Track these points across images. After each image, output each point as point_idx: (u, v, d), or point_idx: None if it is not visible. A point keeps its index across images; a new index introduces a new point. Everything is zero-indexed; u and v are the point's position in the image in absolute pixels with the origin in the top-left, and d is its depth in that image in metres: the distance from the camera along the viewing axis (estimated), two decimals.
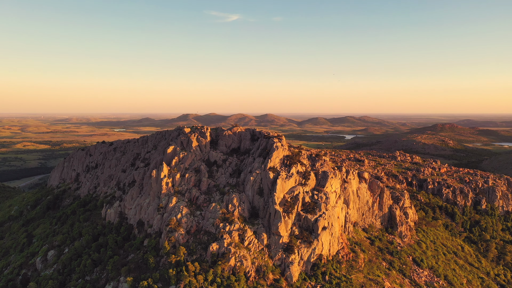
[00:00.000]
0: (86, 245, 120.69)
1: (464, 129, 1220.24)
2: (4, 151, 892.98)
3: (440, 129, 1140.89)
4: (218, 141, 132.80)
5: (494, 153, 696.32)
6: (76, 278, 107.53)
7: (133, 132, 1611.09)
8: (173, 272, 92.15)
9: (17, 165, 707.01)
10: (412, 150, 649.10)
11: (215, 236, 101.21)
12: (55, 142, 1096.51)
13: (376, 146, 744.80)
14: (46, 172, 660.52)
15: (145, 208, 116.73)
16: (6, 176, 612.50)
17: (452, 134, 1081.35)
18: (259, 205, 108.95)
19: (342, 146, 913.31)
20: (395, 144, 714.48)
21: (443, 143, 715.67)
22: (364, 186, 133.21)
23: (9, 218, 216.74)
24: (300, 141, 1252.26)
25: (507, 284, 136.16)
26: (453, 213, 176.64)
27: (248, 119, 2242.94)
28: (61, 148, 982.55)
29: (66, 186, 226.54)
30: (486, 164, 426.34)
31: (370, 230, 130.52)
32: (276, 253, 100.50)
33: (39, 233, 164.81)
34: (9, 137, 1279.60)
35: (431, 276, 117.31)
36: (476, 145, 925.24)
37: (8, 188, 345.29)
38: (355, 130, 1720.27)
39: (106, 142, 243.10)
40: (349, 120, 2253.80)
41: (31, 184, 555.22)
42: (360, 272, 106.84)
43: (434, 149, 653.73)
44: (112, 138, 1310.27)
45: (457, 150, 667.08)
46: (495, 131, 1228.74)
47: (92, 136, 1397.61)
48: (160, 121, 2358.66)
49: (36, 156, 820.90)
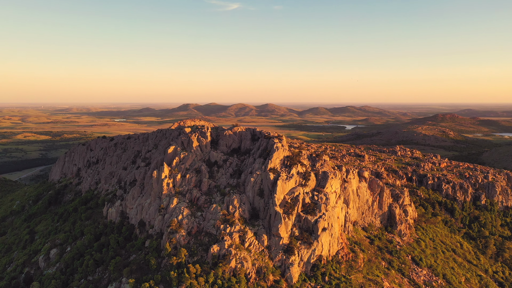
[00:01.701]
0: (88, 245, 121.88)
1: (465, 119, 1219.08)
2: (5, 142, 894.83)
3: (441, 119, 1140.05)
4: (218, 141, 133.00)
5: (494, 144, 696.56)
6: (79, 278, 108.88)
7: (134, 123, 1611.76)
8: (174, 274, 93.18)
9: (18, 156, 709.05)
10: (412, 141, 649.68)
11: (216, 238, 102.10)
12: (55, 133, 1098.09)
13: (376, 137, 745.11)
14: (47, 163, 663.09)
15: (146, 208, 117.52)
16: (7, 167, 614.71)
17: (453, 125, 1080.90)
18: (259, 206, 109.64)
19: (343, 136, 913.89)
20: (396, 135, 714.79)
21: (444, 134, 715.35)
22: (364, 185, 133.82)
23: (11, 212, 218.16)
24: (301, 131, 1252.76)
25: (505, 281, 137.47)
26: (453, 208, 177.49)
27: (248, 109, 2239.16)
28: (62, 139, 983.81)
29: (67, 181, 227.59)
30: (486, 156, 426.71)
31: (369, 229, 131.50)
32: (276, 254, 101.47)
33: (41, 230, 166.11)
34: (10, 128, 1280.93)
35: (430, 275, 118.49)
36: (477, 136, 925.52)
37: (9, 181, 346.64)
38: (356, 120, 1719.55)
39: (106, 137, 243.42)
40: (349, 110, 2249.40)
41: (32, 175, 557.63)
42: (360, 272, 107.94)
43: (434, 140, 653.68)
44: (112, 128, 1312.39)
45: (457, 141, 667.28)
46: (496, 121, 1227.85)
47: (92, 126, 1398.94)
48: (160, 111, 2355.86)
49: (37, 147, 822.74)
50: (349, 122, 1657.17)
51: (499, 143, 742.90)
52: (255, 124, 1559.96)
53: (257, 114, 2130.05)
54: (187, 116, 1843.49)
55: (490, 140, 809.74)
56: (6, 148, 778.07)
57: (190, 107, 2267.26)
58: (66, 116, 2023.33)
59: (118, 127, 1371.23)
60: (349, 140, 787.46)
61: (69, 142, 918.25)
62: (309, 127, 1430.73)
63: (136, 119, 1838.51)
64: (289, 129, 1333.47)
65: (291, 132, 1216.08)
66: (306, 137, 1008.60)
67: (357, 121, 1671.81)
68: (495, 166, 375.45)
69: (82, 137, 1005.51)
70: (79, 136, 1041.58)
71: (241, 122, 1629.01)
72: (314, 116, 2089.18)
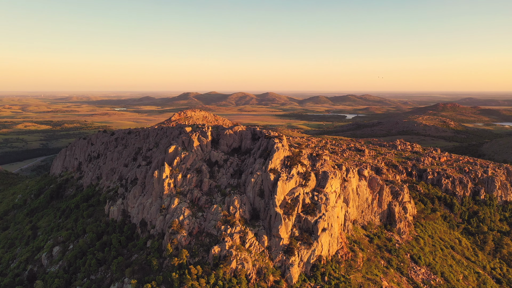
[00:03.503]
0: (91, 243, 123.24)
1: (465, 108, 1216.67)
2: (6, 131, 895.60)
3: (441, 108, 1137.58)
4: (219, 140, 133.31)
5: (495, 134, 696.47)
6: (82, 277, 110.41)
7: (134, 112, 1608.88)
8: (176, 276, 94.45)
9: (19, 147, 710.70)
10: (413, 132, 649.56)
11: (217, 239, 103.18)
12: (56, 122, 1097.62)
13: (377, 127, 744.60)
14: (48, 153, 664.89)
15: (147, 208, 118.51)
16: (8, 157, 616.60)
17: (453, 114, 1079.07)
18: (260, 206, 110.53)
19: (343, 126, 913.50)
20: (396, 126, 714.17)
21: (444, 124, 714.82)
22: (364, 184, 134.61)
23: (13, 206, 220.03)
24: (301, 120, 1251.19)
25: (502, 278, 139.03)
26: (452, 204, 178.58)
27: (248, 97, 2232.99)
28: (62, 128, 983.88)
29: (68, 175, 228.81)
30: (486, 148, 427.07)
31: (369, 227, 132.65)
32: (276, 255, 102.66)
33: (43, 225, 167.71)
34: (10, 117, 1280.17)
35: (428, 273, 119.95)
36: (478, 125, 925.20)
37: (11, 175, 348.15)
38: (356, 110, 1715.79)
39: (107, 131, 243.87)
40: (350, 98, 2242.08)
41: (33, 166, 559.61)
42: (359, 272, 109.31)
43: (435, 130, 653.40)
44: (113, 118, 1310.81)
45: (458, 132, 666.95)
46: (496, 111, 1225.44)
47: (93, 115, 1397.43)
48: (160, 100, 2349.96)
49: (37, 137, 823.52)
50: (349, 111, 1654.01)
51: (500, 133, 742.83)
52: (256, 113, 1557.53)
53: (257, 103, 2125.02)
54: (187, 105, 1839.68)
55: (490, 130, 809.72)
56: (7, 138, 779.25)
57: (190, 96, 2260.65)
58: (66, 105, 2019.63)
59: (118, 116, 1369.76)
60: (349, 130, 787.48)
61: (70, 131, 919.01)
62: (309, 116, 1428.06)
63: (136, 108, 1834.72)
64: (290, 118, 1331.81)
65: (291, 121, 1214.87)
66: (307, 127, 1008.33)
67: (358, 110, 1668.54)
68: (495, 158, 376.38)
69: (82, 127, 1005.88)
70: (79, 125, 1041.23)
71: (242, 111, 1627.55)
72: (314, 105, 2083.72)
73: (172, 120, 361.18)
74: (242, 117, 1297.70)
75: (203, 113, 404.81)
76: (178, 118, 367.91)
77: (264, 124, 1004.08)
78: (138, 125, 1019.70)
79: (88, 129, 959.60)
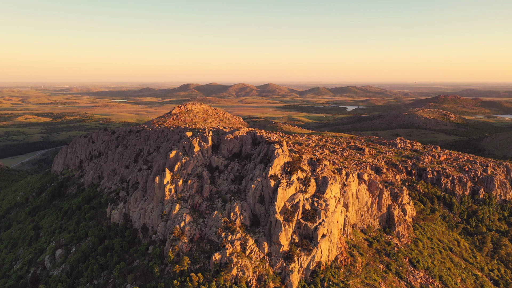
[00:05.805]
0: (93, 247, 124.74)
1: (466, 100, 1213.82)
2: (6, 124, 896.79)
3: (442, 100, 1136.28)
4: (219, 145, 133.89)
5: (495, 127, 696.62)
6: (84, 282, 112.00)
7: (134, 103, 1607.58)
8: (177, 283, 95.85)
9: (19, 140, 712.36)
10: (413, 125, 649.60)
11: (218, 245, 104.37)
12: (56, 115, 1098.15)
13: (377, 120, 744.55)
14: (49, 146, 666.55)
15: (149, 213, 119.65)
16: (9, 151, 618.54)
17: (454, 106, 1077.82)
18: (260, 213, 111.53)
19: (344, 119, 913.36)
20: (397, 119, 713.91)
21: (445, 117, 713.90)
22: (363, 188, 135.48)
23: (15, 204, 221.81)
24: (302, 112, 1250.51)
25: (500, 280, 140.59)
26: (451, 203, 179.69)
27: (249, 89, 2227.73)
28: (63, 121, 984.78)
29: (70, 173, 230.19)
30: (486, 143, 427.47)
31: (368, 231, 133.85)
32: (276, 261, 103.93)
33: (46, 226, 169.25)
34: (10, 109, 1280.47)
35: (427, 277, 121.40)
36: (478, 118, 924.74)
37: (12, 171, 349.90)
38: (357, 101, 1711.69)
39: (108, 129, 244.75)
40: (351, 90, 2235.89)
41: (34, 159, 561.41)
42: (358, 277, 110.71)
43: (435, 124, 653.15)
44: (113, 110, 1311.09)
45: (458, 125, 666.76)
46: (497, 103, 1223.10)
47: (93, 107, 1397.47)
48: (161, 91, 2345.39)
49: (38, 130, 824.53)
50: (350, 103, 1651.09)
51: (500, 126, 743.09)
52: (256, 105, 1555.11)
53: (258, 94, 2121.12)
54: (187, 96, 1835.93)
55: (491, 123, 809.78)
56: (8, 130, 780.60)
57: (190, 87, 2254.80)
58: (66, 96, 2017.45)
59: (118, 109, 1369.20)
60: (350, 123, 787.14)
61: (70, 124, 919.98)
62: (310, 108, 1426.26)
63: (136, 100, 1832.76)
64: (290, 110, 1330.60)
65: (292, 113, 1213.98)
66: (307, 119, 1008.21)
67: (358, 102, 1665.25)
68: (495, 153, 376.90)
69: (83, 119, 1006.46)
70: (80, 118, 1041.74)
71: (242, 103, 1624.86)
72: (315, 96, 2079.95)
73: (172, 113, 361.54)
74: (243, 109, 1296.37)
75: (203, 106, 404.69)
76: (179, 111, 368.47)
77: (265, 117, 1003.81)
78: (138, 117, 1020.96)
79: (88, 121, 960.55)
